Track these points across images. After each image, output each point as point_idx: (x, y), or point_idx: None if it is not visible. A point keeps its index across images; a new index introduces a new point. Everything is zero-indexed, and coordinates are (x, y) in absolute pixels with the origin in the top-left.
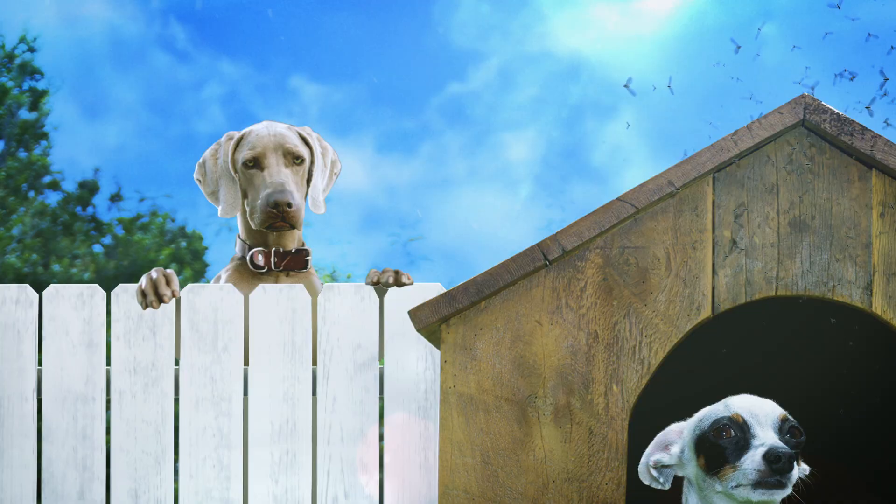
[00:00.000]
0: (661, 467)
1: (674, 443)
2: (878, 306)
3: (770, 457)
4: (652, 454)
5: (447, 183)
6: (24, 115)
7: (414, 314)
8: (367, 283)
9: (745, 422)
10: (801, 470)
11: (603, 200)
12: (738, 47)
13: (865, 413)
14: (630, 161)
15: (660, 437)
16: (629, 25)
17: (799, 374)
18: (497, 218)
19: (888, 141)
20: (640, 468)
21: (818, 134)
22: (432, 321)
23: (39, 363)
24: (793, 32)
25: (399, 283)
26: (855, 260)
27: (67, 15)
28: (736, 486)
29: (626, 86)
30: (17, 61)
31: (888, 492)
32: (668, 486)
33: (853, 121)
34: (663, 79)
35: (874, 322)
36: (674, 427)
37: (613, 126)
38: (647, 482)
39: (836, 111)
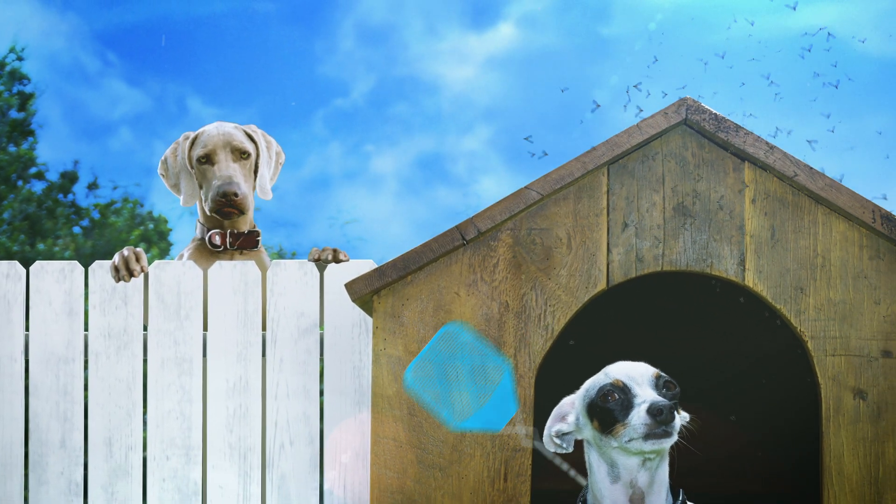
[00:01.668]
0: (562, 435)
1: (568, 413)
2: (750, 280)
3: (653, 410)
4: (552, 426)
5: (327, 184)
6: (14, 115)
7: (350, 286)
8: (309, 260)
9: (625, 385)
10: (682, 418)
11: (463, 204)
12: (598, 106)
13: (738, 368)
14: (484, 170)
15: (556, 411)
16: (482, 51)
17: (681, 337)
18: (371, 215)
19: (758, 137)
20: (545, 439)
21: (698, 131)
22: (365, 292)
23: (27, 329)
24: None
25: (337, 260)
26: (730, 240)
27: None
28: (629, 441)
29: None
30: (7, 69)
31: (756, 437)
32: (571, 450)
33: (729, 119)
34: (511, 94)
35: (746, 293)
36: (566, 400)
37: (469, 139)
38: (552, 450)
39: (714, 111)
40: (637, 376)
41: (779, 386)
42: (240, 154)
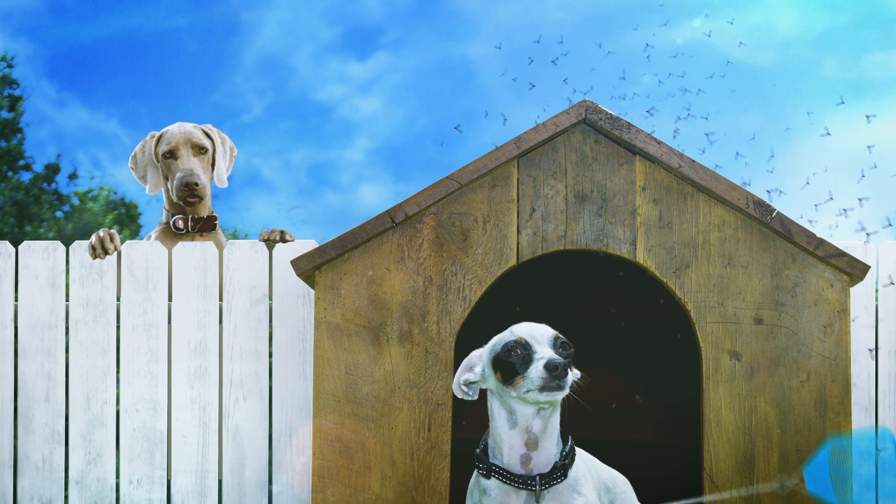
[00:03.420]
0: (469, 384)
1: (476, 365)
2: (641, 257)
3: (549, 366)
4: (461, 375)
5: (230, 188)
6: (4, 115)
7: (295, 263)
8: (259, 240)
9: (526, 342)
10: (574, 375)
11: (348, 207)
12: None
13: (630, 332)
14: (366, 178)
15: (465, 362)
16: (367, 74)
17: (580, 305)
18: (268, 215)
19: (648, 134)
20: (454, 386)
21: (596, 129)
22: (308, 268)
23: (16, 300)
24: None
25: (284, 240)
26: (623, 223)
27: None
28: (527, 392)
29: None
30: None
31: (645, 392)
32: (476, 397)
33: (622, 119)
34: (393, 115)
35: (637, 268)
36: (475, 353)
37: (351, 151)
38: (460, 396)
39: (610, 112)
40: (538, 336)
41: (667, 348)
42: (199, 149)
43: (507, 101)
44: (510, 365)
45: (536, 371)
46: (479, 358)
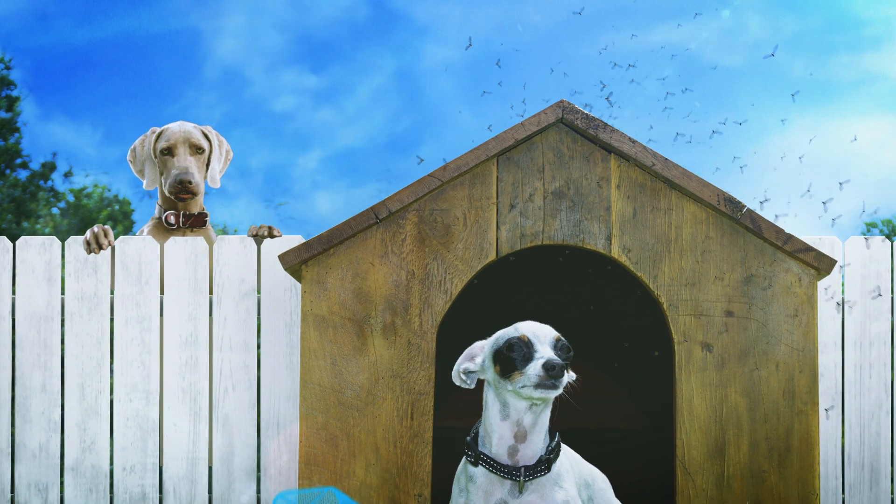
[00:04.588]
0: (468, 373)
1: (477, 355)
2: (616, 252)
3: (547, 366)
4: (461, 364)
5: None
6: (2, 115)
7: (282, 258)
8: (248, 235)
9: (529, 340)
10: (569, 376)
11: (306, 214)
12: (421, 160)
13: (603, 324)
14: (321, 184)
15: (467, 351)
16: (325, 84)
17: (556, 299)
18: (232, 218)
19: (622, 133)
20: (454, 374)
21: (572, 128)
22: (295, 262)
23: (13, 293)
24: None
25: (271, 236)
26: (599, 219)
27: None
28: (522, 387)
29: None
30: None
31: (620, 383)
32: (472, 386)
33: (598, 119)
34: (349, 129)
35: (612, 262)
36: (477, 344)
37: (305, 159)
38: (458, 384)
39: (586, 112)
40: (541, 335)
41: (639, 340)
42: (196, 149)
43: (460, 110)
44: (510, 360)
45: (535, 369)
46: (481, 349)
